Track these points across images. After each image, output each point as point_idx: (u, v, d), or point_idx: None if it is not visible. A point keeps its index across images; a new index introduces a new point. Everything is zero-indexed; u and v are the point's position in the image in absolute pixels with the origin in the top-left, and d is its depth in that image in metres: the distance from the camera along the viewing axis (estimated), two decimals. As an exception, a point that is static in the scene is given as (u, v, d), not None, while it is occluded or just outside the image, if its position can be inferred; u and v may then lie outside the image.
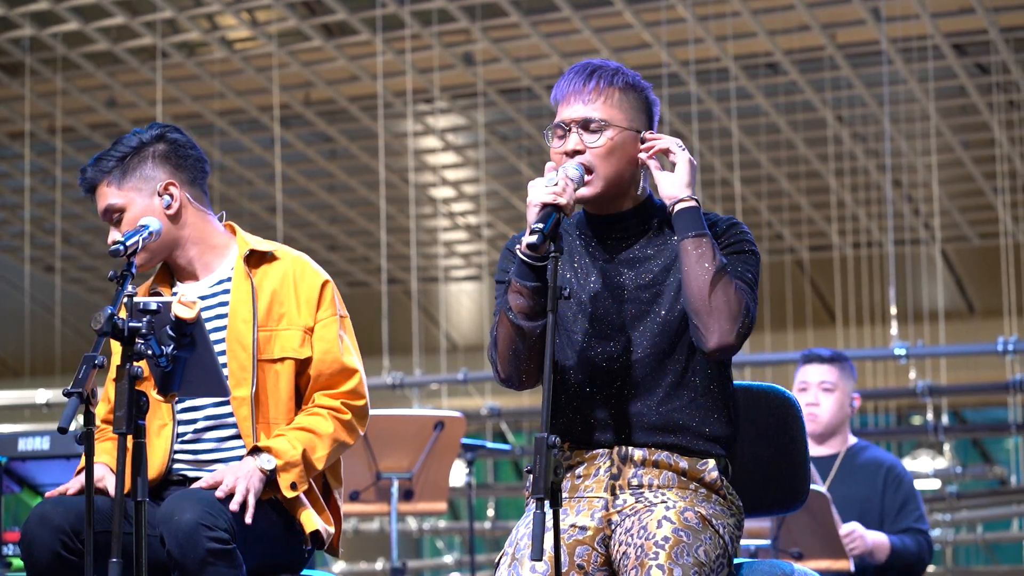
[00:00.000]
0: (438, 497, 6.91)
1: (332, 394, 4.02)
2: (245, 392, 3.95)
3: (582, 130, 3.56)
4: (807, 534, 5.97)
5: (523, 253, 3.45)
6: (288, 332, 4.01)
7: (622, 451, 3.53)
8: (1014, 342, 11.00)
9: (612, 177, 3.56)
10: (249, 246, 4.10)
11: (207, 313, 4.03)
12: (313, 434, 3.93)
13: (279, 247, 4.15)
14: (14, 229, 16.81)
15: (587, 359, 3.55)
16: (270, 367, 3.99)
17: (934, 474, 13.57)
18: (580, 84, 3.58)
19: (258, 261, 4.10)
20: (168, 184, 4.07)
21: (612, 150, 3.55)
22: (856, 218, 15.62)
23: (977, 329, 16.88)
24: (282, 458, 3.86)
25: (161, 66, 12.54)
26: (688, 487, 3.52)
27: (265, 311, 4.02)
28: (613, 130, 3.55)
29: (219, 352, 3.97)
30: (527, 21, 11.78)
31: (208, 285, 4.10)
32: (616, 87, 3.58)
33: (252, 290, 4.03)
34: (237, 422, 3.96)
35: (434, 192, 15.96)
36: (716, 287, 3.43)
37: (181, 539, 3.61)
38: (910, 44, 11.96)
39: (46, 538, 3.72)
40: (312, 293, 4.06)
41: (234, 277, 4.07)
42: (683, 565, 3.33)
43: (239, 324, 4.00)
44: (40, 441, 5.39)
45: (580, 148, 3.56)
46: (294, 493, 3.89)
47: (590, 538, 3.49)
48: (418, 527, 15.56)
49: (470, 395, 15.48)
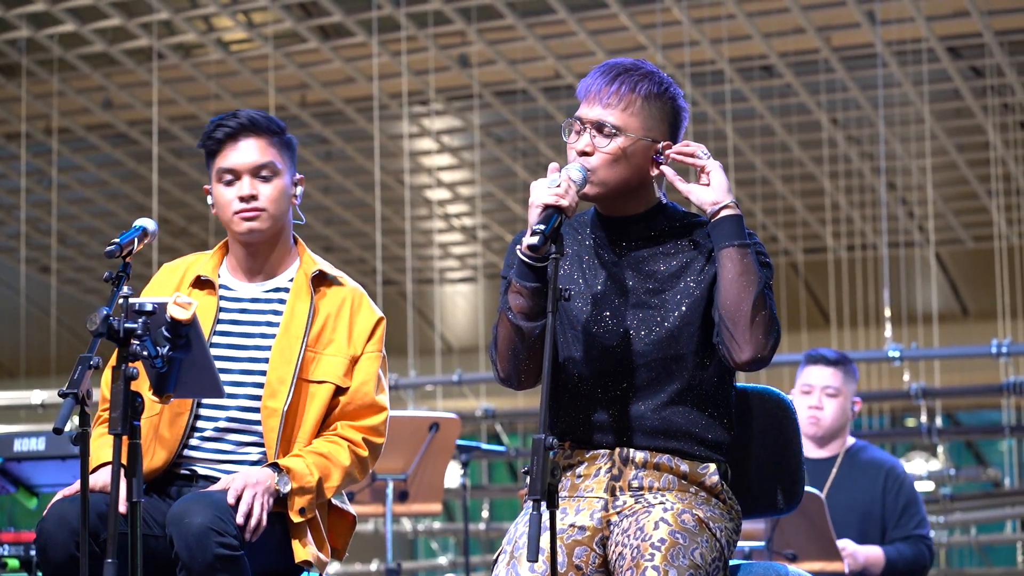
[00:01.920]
0: (433, 498, 6.92)
1: (356, 427, 4.01)
2: (278, 405, 3.95)
3: (595, 132, 3.54)
4: (801, 536, 5.97)
5: (523, 254, 3.45)
6: (334, 359, 4.02)
7: (623, 452, 3.53)
8: (1008, 344, 11.02)
9: (612, 183, 3.54)
10: (317, 266, 4.10)
11: (256, 317, 4.05)
12: (330, 462, 3.93)
13: (344, 276, 4.16)
14: (10, 230, 16.80)
15: (592, 359, 3.54)
16: (308, 387, 3.99)
17: (928, 476, 13.57)
18: (603, 85, 3.55)
19: (320, 282, 4.10)
20: (300, 179, 4.16)
21: (619, 158, 3.53)
22: (851, 220, 15.63)
23: (971, 331, 16.88)
24: (299, 482, 3.86)
25: (157, 67, 12.54)
26: (688, 490, 3.52)
27: (317, 333, 4.02)
28: (626, 138, 3.52)
29: (260, 359, 3.98)
30: (523, 23, 11.79)
31: (263, 289, 4.10)
32: (639, 95, 3.54)
33: (311, 310, 4.03)
34: (264, 432, 3.96)
35: (429, 194, 15.96)
36: (758, 301, 3.42)
37: (191, 542, 3.62)
38: (905, 47, 11.97)
39: (63, 538, 3.72)
40: (366, 327, 4.08)
41: (293, 290, 4.07)
42: (678, 567, 3.34)
43: (289, 339, 4.00)
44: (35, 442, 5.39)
45: (589, 150, 3.54)
46: (301, 519, 3.89)
47: (588, 539, 3.49)
48: (413, 528, 15.56)
49: (465, 397, 15.48)
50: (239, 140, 4.08)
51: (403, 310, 16.25)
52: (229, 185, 4.06)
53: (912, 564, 6.30)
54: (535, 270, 3.44)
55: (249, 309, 4.09)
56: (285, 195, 4.08)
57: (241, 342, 4.05)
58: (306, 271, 4.10)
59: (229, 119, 4.09)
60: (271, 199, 4.05)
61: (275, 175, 4.07)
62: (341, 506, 4.11)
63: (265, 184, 4.05)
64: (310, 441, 3.97)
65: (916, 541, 6.32)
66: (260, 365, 3.99)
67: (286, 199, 4.08)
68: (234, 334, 4.07)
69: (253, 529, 3.73)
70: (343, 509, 4.11)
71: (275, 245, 4.10)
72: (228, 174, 4.07)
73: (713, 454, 3.56)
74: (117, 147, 14.55)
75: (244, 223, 4.03)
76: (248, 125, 4.09)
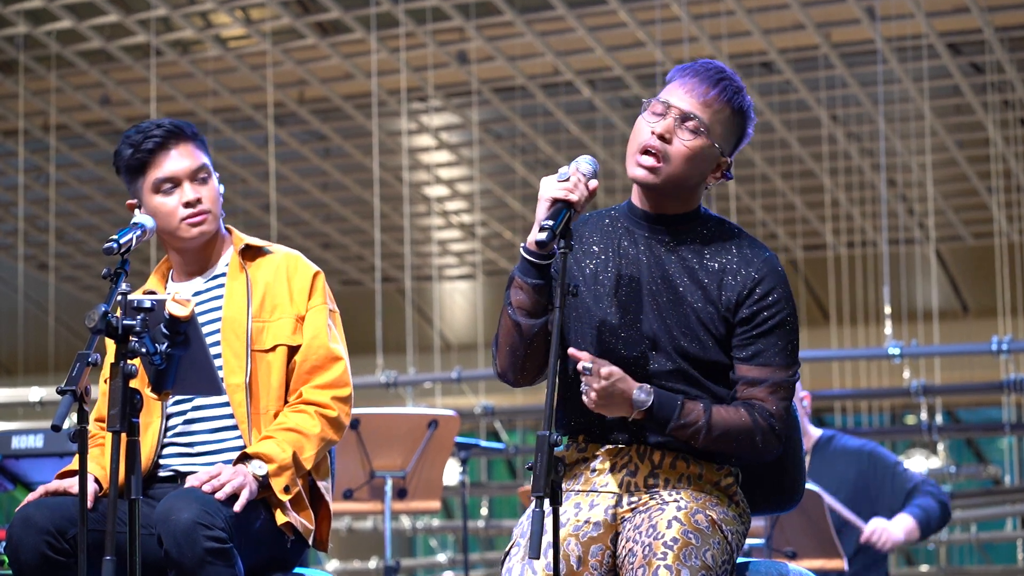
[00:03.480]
0: (432, 496, 6.90)
1: (319, 385, 4.01)
2: (240, 379, 3.97)
3: (680, 122, 3.50)
4: (801, 533, 5.97)
5: (527, 250, 3.42)
6: (280, 322, 4.04)
7: (640, 450, 3.51)
8: (1008, 342, 11.00)
9: (678, 177, 3.51)
10: (244, 241, 4.15)
11: (203, 307, 4.06)
12: (301, 435, 3.92)
13: (274, 245, 4.20)
14: (7, 227, 16.79)
15: (612, 355, 3.49)
16: (263, 357, 4.01)
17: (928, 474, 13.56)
18: (705, 84, 3.51)
19: (252, 256, 4.14)
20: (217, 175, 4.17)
21: (693, 157, 3.50)
22: (850, 217, 15.62)
23: (971, 329, 16.88)
24: (274, 462, 3.86)
25: (155, 64, 12.53)
26: (703, 489, 3.50)
27: (259, 303, 4.05)
28: (707, 140, 3.50)
29: (214, 343, 4.00)
30: (521, 19, 11.78)
31: (204, 280, 4.13)
32: (731, 106, 3.53)
33: (247, 282, 4.07)
34: (232, 409, 3.97)
35: (428, 190, 15.95)
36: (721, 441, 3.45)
37: (179, 538, 3.60)
38: (905, 43, 11.96)
39: (31, 540, 3.72)
40: (304, 283, 4.09)
41: (229, 271, 4.10)
42: (690, 567, 3.32)
43: (234, 313, 4.03)
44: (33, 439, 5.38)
45: (668, 136, 3.49)
46: (288, 496, 3.88)
47: (603, 536, 3.46)
48: (412, 526, 15.55)
49: (464, 394, 15.47)
50: (170, 148, 4.09)
51: (402, 307, 16.24)
52: (168, 194, 4.07)
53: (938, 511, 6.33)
54: (537, 267, 3.41)
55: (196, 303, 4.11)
56: (218, 193, 4.14)
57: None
58: (237, 249, 4.14)
59: (153, 129, 4.10)
60: (212, 200, 4.09)
61: (209, 176, 4.11)
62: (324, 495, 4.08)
63: (203, 186, 4.09)
64: (280, 408, 3.99)
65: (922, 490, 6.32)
66: (214, 348, 3.99)
67: (220, 197, 4.15)
68: None
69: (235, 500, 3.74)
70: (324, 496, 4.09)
71: (215, 241, 4.15)
72: (167, 183, 4.07)
73: (727, 457, 3.55)
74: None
75: (193, 228, 4.06)
76: (175, 131, 4.10)
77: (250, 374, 3.99)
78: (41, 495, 3.88)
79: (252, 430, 3.96)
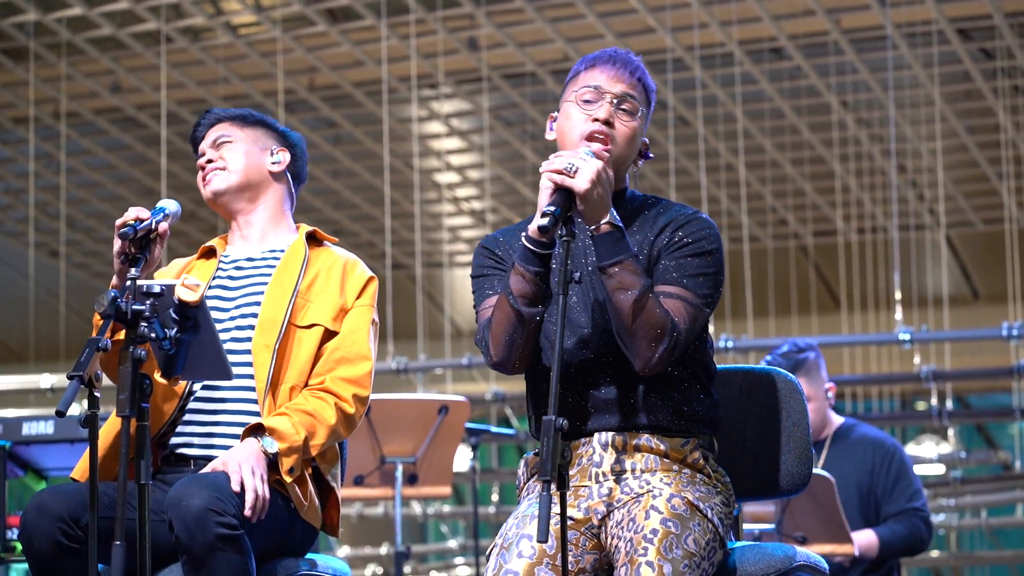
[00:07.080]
0: (442, 481, 6.91)
1: (344, 378, 4.02)
2: (270, 341, 4.00)
3: (617, 104, 3.53)
4: (811, 518, 5.97)
5: (528, 237, 3.41)
6: (325, 305, 4.08)
7: (602, 438, 3.50)
8: (1019, 327, 10.99)
9: (621, 160, 3.55)
10: (313, 229, 4.26)
11: (251, 273, 4.14)
12: (316, 420, 3.93)
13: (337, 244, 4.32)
14: (18, 214, 16.82)
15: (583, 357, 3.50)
16: (297, 331, 4.04)
17: (938, 459, 13.54)
18: (625, 68, 3.55)
19: (317, 244, 4.24)
20: (282, 150, 4.27)
21: (633, 137, 3.54)
22: (861, 203, 15.61)
23: (981, 314, 16.86)
24: (285, 442, 3.86)
25: (165, 51, 12.54)
26: (671, 469, 3.48)
27: (308, 283, 4.11)
28: (639, 120, 3.55)
29: (253, 303, 4.06)
30: (531, 6, 11.77)
31: (261, 250, 4.21)
32: (646, 85, 3.59)
33: (305, 260, 4.14)
34: (254, 368, 3.98)
35: (438, 177, 15.95)
36: (637, 313, 3.35)
37: (190, 524, 3.61)
38: (915, 29, 11.94)
39: (45, 527, 3.72)
40: (358, 283, 4.16)
41: (289, 250, 4.18)
42: (673, 560, 3.29)
43: (282, 284, 4.08)
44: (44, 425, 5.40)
45: (613, 120, 3.52)
46: (290, 479, 3.88)
47: (577, 525, 3.45)
48: (422, 511, 15.57)
49: (475, 380, 15.49)
50: (208, 133, 4.28)
51: (412, 294, 16.25)
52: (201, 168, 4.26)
53: (907, 540, 6.29)
54: (538, 255, 3.40)
55: (244, 266, 4.20)
56: (247, 155, 4.22)
57: (232, 294, 4.14)
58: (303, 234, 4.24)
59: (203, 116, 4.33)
60: (227, 158, 4.22)
61: (231, 140, 4.23)
62: (331, 482, 4.09)
63: (218, 149, 4.24)
64: (302, 384, 4.00)
65: (910, 516, 6.31)
66: (252, 308, 4.06)
67: (249, 158, 4.22)
68: (228, 287, 4.16)
69: (261, 508, 3.73)
70: (331, 484, 4.09)
71: (259, 207, 4.25)
72: (199, 159, 4.26)
73: (695, 427, 3.52)
74: (126, 131, 14.55)
75: (205, 187, 4.22)
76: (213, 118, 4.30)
77: (280, 342, 4.00)
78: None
79: (268, 395, 3.97)
